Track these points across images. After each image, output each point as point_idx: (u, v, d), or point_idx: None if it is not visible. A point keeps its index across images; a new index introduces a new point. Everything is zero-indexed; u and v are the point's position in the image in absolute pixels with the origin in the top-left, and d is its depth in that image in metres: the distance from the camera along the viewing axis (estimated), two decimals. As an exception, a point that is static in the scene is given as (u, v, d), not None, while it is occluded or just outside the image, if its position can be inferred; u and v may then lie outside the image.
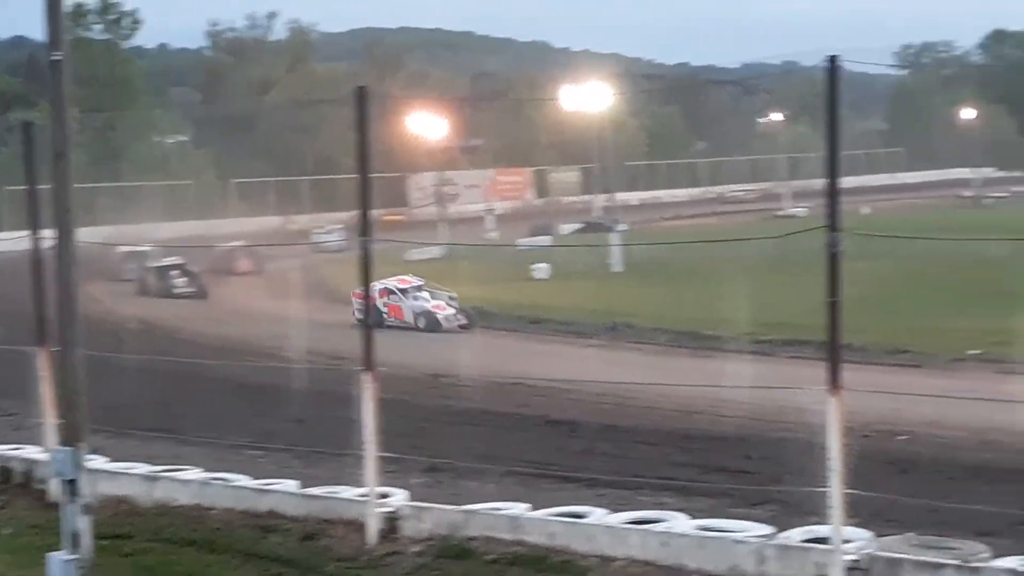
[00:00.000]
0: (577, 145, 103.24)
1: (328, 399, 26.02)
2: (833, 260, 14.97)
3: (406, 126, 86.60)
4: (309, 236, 74.26)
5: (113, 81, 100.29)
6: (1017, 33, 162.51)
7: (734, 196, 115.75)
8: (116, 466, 21.37)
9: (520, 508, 18.26)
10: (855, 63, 16.79)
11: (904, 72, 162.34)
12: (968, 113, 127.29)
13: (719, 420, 28.35)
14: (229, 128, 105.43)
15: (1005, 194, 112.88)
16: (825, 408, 15.07)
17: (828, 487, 15.00)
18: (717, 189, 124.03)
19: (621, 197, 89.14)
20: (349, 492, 18.87)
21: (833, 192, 15.11)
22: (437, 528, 17.71)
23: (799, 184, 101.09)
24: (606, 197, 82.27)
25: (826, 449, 15.02)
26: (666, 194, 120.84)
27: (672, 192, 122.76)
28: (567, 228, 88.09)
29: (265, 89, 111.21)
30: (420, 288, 48.39)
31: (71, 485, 15.27)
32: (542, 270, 60.56)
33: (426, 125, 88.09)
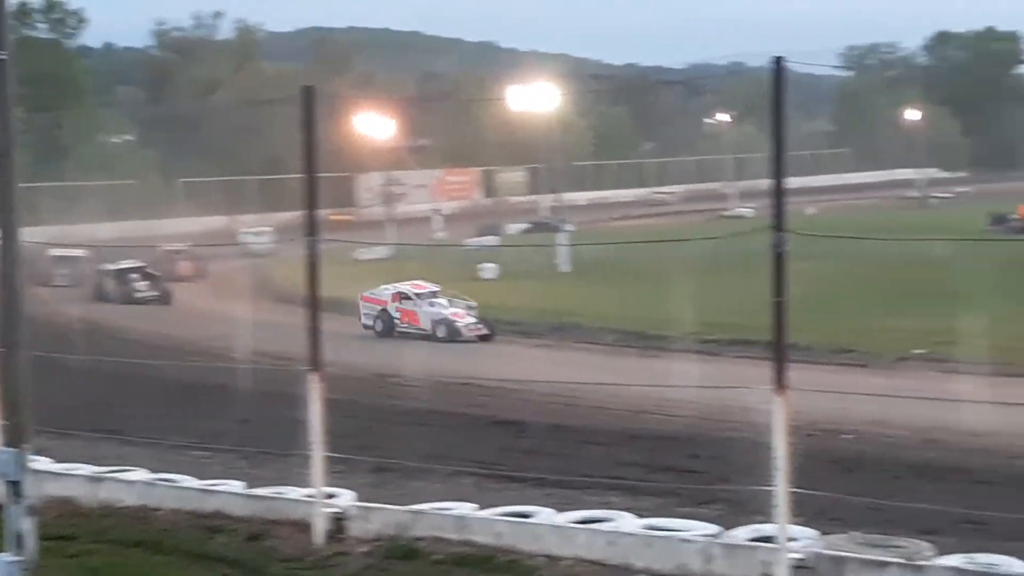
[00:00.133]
0: (525, 145, 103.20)
1: (276, 399, 25.95)
2: (779, 260, 15.03)
3: (354, 126, 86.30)
4: (235, 238, 71.71)
5: (58, 80, 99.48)
6: (961, 35, 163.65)
7: (659, 198, 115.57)
8: (61, 467, 21.25)
9: (467, 508, 18.27)
10: (801, 64, 16.90)
11: (849, 73, 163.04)
12: (912, 114, 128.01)
13: (667, 420, 28.45)
14: (175, 128, 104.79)
15: (949, 195, 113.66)
16: (771, 407, 15.14)
17: (774, 486, 15.07)
18: (665, 189, 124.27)
19: (569, 197, 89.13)
20: (296, 492, 18.83)
21: (779, 192, 15.18)
22: (384, 528, 17.68)
23: (746, 184, 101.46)
24: (553, 197, 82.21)
25: (772, 448, 15.09)
26: (614, 194, 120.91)
27: (620, 192, 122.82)
28: (515, 228, 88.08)
29: (212, 89, 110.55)
30: (435, 294, 45.86)
31: (15, 486, 15.14)
32: (490, 270, 60.51)
33: (374, 125, 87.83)
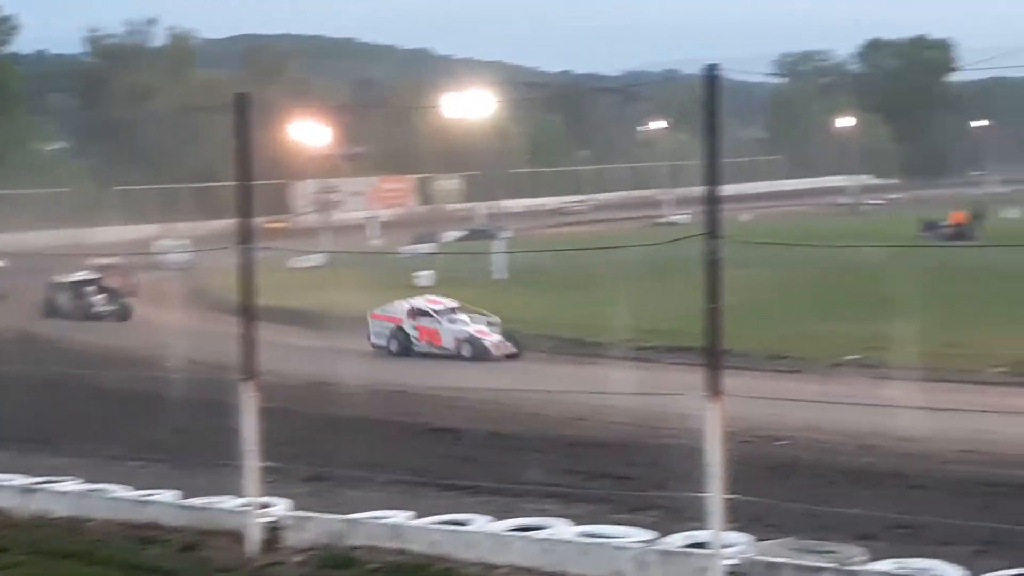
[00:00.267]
0: (460, 153, 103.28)
1: (214, 409, 25.80)
2: (713, 267, 15.08)
3: (288, 133, 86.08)
4: (150, 249, 69.10)
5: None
6: (893, 42, 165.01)
7: (569, 207, 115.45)
8: (-8, 478, 21.06)
9: (403, 516, 18.23)
10: (734, 71, 16.95)
11: (783, 80, 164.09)
12: (845, 121, 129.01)
13: (603, 427, 28.51)
14: (109, 135, 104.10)
15: (881, 201, 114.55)
16: (705, 414, 15.18)
17: (708, 492, 15.11)
18: (601, 196, 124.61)
19: (505, 204, 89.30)
20: (231, 502, 18.71)
21: (713, 200, 15.22)
22: (320, 537, 17.60)
23: (680, 191, 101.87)
24: (489, 204, 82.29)
25: (706, 455, 15.13)
26: (550, 201, 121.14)
27: (556, 199, 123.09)
28: (451, 235, 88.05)
29: (146, 96, 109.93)
30: (454, 310, 43.03)
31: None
32: (426, 277, 60.37)
33: (308, 132, 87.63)
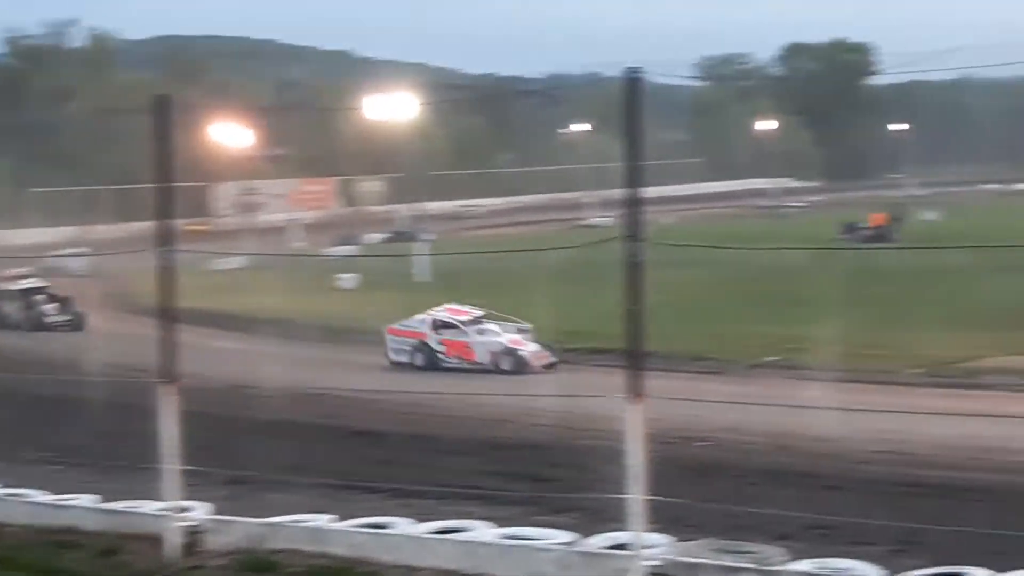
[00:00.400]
0: (383, 155, 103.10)
1: (133, 412, 25.59)
2: (634, 269, 15.15)
3: (209, 135, 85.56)
4: (45, 254, 66.61)
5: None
6: (813, 46, 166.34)
7: (466, 211, 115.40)
8: (-95, 484, 20.79)
9: (324, 520, 18.18)
10: (656, 75, 17.04)
11: (704, 84, 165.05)
12: (766, 124, 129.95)
13: (526, 429, 28.62)
14: (28, 137, 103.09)
15: (802, 204, 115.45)
16: (626, 416, 15.25)
17: (630, 494, 15.18)
18: (524, 199, 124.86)
19: (429, 207, 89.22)
20: (150, 506, 18.58)
21: (634, 202, 15.29)
22: (240, 541, 17.51)
23: (603, 194, 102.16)
24: (413, 207, 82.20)
25: (628, 456, 15.20)
26: (474, 204, 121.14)
27: (480, 202, 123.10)
28: (375, 237, 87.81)
29: (66, 97, 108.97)
30: (480, 319, 40.39)
31: None
32: (349, 280, 60.27)
33: (230, 134, 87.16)
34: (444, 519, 18.47)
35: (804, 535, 18.21)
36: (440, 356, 39.47)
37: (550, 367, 38.20)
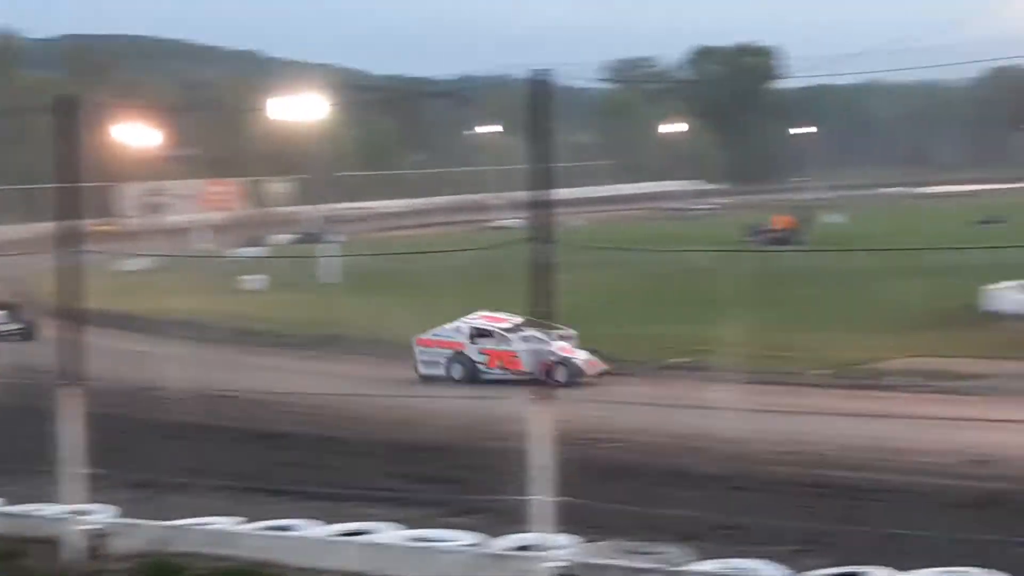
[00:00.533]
0: (291, 156, 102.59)
1: (39, 415, 25.27)
2: (543, 271, 15.17)
3: (115, 135, 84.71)
4: None
5: None
6: (720, 50, 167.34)
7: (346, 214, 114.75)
8: None
9: (230, 522, 18.06)
10: (566, 77, 17.07)
11: (612, 86, 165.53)
12: (672, 127, 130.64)
13: (434, 431, 28.50)
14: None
15: (710, 206, 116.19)
16: (532, 417, 15.26)
17: (537, 495, 15.19)
18: (437, 200, 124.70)
19: (338, 208, 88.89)
20: (54, 509, 18.35)
21: (543, 204, 15.31)
22: (145, 545, 17.37)
23: (512, 196, 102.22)
24: (321, 208, 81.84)
25: (535, 458, 15.21)
26: (383, 205, 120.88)
27: (389, 203, 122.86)
28: (283, 238, 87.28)
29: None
30: (520, 326, 36.34)
31: None
32: (256, 281, 59.83)
33: (136, 134, 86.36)
34: (351, 521, 18.41)
35: (711, 535, 18.29)
36: (481, 367, 36.78)
37: (602, 375, 35.79)
